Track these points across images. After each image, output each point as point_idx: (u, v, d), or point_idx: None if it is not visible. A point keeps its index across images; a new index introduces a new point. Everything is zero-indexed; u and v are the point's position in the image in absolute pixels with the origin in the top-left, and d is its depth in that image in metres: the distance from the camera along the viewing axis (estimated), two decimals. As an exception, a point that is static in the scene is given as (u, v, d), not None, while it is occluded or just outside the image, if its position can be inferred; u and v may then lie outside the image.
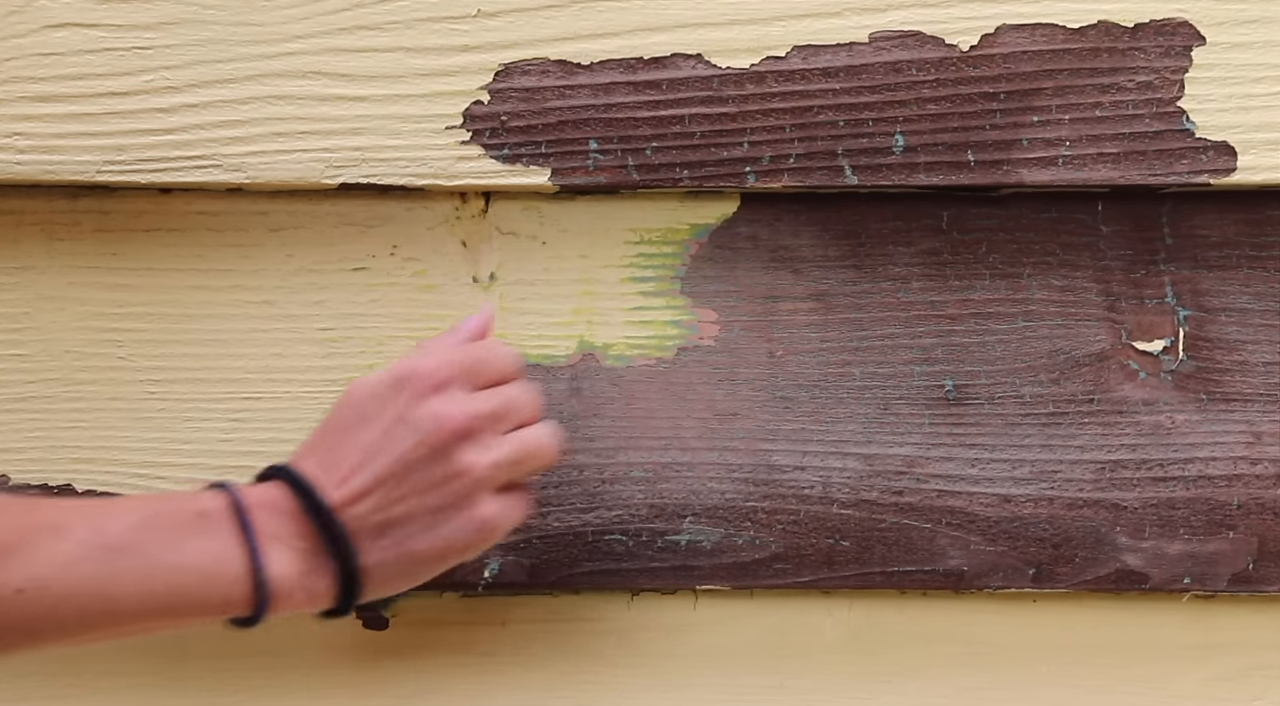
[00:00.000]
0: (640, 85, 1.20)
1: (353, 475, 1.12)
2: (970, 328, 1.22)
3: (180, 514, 1.09)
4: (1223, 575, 1.21)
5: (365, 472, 1.12)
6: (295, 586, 1.11)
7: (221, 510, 1.10)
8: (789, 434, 1.22)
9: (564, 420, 1.23)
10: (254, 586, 1.09)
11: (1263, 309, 1.21)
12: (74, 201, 1.24)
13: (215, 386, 1.24)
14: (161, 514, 1.09)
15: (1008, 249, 1.22)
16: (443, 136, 1.20)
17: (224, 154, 1.20)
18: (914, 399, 1.22)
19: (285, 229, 1.23)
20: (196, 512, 1.09)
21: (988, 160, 1.19)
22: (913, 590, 1.22)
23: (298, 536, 1.11)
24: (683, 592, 1.23)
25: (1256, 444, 1.21)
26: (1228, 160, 1.18)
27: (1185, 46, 1.18)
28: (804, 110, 1.19)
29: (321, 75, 1.20)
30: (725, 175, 1.20)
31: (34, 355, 1.24)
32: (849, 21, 1.19)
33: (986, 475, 1.21)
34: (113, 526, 1.07)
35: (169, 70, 1.20)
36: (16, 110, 1.20)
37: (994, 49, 1.19)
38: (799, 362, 1.22)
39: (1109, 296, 1.21)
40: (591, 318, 1.23)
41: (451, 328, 1.17)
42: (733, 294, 1.23)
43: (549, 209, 1.23)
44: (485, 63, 1.20)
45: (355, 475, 1.12)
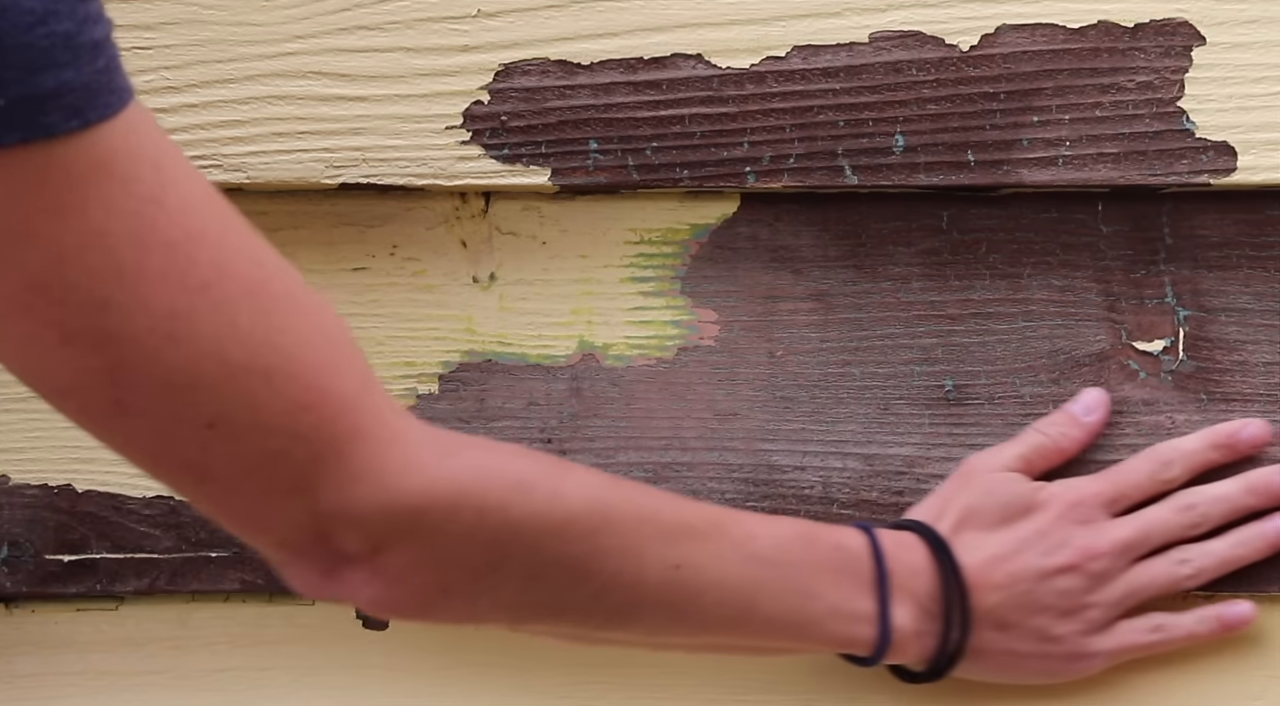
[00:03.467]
0: (640, 85, 1.20)
1: (993, 565, 1.15)
2: (970, 328, 1.22)
3: (822, 543, 1.12)
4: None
5: (1006, 568, 1.15)
6: (910, 641, 1.14)
7: (862, 549, 1.13)
8: (789, 434, 1.22)
9: (564, 420, 1.23)
10: (879, 632, 1.12)
11: (1263, 309, 1.21)
12: (74, 201, 1.24)
13: (215, 386, 1.24)
14: (804, 536, 1.12)
15: (1008, 249, 1.22)
16: (443, 136, 1.20)
17: (224, 154, 1.21)
18: (914, 399, 1.22)
19: (285, 229, 1.23)
20: (836, 545, 1.12)
21: (988, 160, 1.19)
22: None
23: (928, 598, 1.14)
24: (683, 592, 1.23)
25: (1257, 444, 1.21)
26: (1228, 160, 1.18)
27: (1185, 46, 1.18)
28: (804, 110, 1.19)
29: (321, 75, 1.20)
30: (725, 175, 1.20)
31: (34, 355, 1.24)
32: (849, 21, 1.19)
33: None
34: (763, 537, 1.10)
35: (169, 70, 1.20)
36: (16, 110, 1.20)
37: (994, 49, 1.19)
38: (799, 362, 1.23)
39: (1109, 296, 1.21)
40: (591, 318, 1.23)
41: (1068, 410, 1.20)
42: (733, 294, 1.23)
43: (549, 209, 1.23)
44: (485, 63, 1.20)
45: (995, 565, 1.15)
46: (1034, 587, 1.15)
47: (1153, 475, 1.18)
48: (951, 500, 1.18)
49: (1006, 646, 1.16)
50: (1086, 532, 1.16)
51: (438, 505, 0.99)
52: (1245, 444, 1.19)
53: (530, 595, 1.04)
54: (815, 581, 1.11)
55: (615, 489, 1.07)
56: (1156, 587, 1.18)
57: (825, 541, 1.12)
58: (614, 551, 1.05)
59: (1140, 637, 1.18)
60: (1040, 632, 1.16)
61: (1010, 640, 1.16)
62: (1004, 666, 1.17)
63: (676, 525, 1.08)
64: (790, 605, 1.10)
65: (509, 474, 1.02)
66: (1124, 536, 1.17)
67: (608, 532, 1.05)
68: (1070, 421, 1.19)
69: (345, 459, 0.96)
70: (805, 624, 1.11)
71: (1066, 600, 1.16)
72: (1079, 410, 1.20)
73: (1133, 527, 1.17)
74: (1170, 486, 1.18)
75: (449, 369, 1.24)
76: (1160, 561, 1.18)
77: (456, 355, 1.24)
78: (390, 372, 1.23)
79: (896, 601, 1.13)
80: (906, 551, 1.14)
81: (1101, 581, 1.16)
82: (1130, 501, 1.18)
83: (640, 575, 1.06)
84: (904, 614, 1.13)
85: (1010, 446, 1.19)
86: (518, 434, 1.23)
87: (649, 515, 1.07)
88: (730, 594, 1.09)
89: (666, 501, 1.10)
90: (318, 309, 0.98)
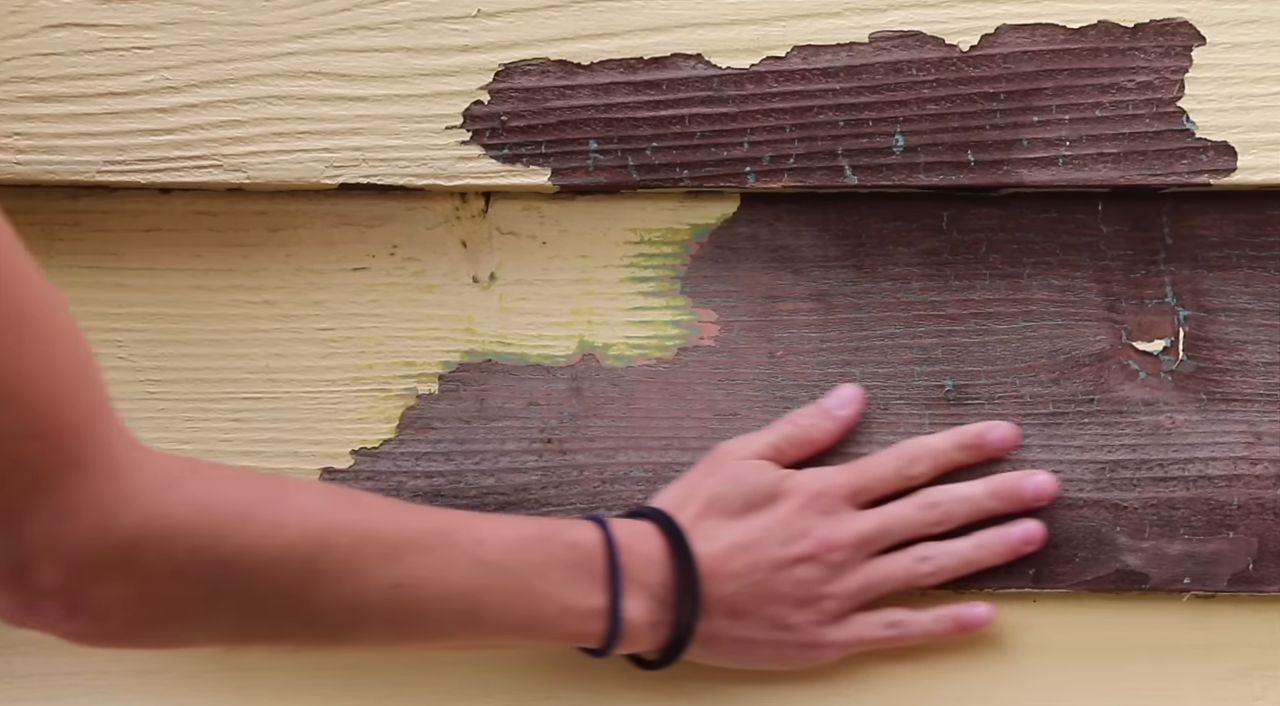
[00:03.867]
0: (640, 85, 1.20)
1: (731, 553, 1.15)
2: (970, 328, 1.22)
3: (554, 542, 1.13)
4: (1223, 575, 1.21)
5: (745, 557, 1.15)
6: (644, 631, 1.15)
7: (595, 544, 1.13)
8: (789, 434, 1.22)
9: (564, 420, 1.23)
10: (609, 627, 1.13)
11: (1263, 309, 1.21)
12: (74, 201, 1.24)
13: (215, 386, 1.24)
14: (536, 537, 1.12)
15: (1008, 249, 1.22)
16: (443, 136, 1.20)
17: (224, 154, 1.21)
18: (914, 399, 1.22)
19: (285, 229, 1.23)
20: (569, 543, 1.13)
21: (988, 160, 1.19)
22: (913, 590, 1.22)
23: (662, 588, 1.15)
24: (683, 592, 1.23)
25: (1256, 444, 1.21)
26: (1228, 160, 1.18)
27: (1185, 46, 1.18)
28: (804, 110, 1.19)
29: (321, 75, 1.20)
30: (725, 175, 1.20)
31: (34, 355, 1.24)
32: (849, 21, 1.19)
33: (986, 475, 1.21)
34: (490, 540, 1.11)
35: (169, 70, 1.20)
36: (16, 110, 1.20)
37: (994, 49, 1.19)
38: (799, 363, 1.22)
39: (1109, 296, 1.21)
40: (591, 318, 1.23)
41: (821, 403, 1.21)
42: (733, 294, 1.23)
43: (549, 209, 1.23)
44: (485, 63, 1.20)
45: (733, 554, 1.15)
46: (771, 576, 1.16)
47: (899, 471, 1.19)
48: (698, 486, 1.18)
49: (740, 633, 1.17)
50: (828, 523, 1.17)
51: (150, 541, 0.99)
52: (992, 446, 1.20)
53: (245, 624, 1.05)
54: (545, 582, 1.12)
55: (339, 510, 1.07)
56: (895, 582, 1.19)
57: (559, 539, 1.13)
58: (332, 576, 1.05)
59: (876, 632, 1.19)
60: (775, 621, 1.17)
61: (744, 627, 1.16)
62: (737, 653, 1.18)
63: (399, 541, 1.08)
64: (519, 608, 1.11)
65: (226, 507, 1.02)
66: (864, 529, 1.18)
67: (326, 559, 1.05)
68: (823, 414, 1.20)
69: (61, 491, 0.96)
70: (535, 624, 1.12)
71: (803, 590, 1.17)
72: (833, 403, 1.20)
73: (874, 521, 1.18)
74: (916, 483, 1.19)
75: (449, 369, 1.24)
76: (901, 557, 1.19)
77: (456, 355, 1.24)
78: (390, 373, 1.23)
79: (629, 594, 1.13)
80: (642, 542, 1.15)
81: (839, 572, 1.17)
82: (875, 494, 1.19)
83: (360, 597, 1.06)
84: (636, 606, 1.14)
85: (762, 435, 1.20)
86: (518, 434, 1.23)
87: (370, 534, 1.07)
88: (455, 604, 1.10)
89: (393, 515, 1.10)
90: (67, 334, 0.97)
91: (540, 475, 1.22)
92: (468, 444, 1.23)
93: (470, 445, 1.23)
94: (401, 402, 1.23)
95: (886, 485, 1.19)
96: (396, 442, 1.23)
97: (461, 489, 1.22)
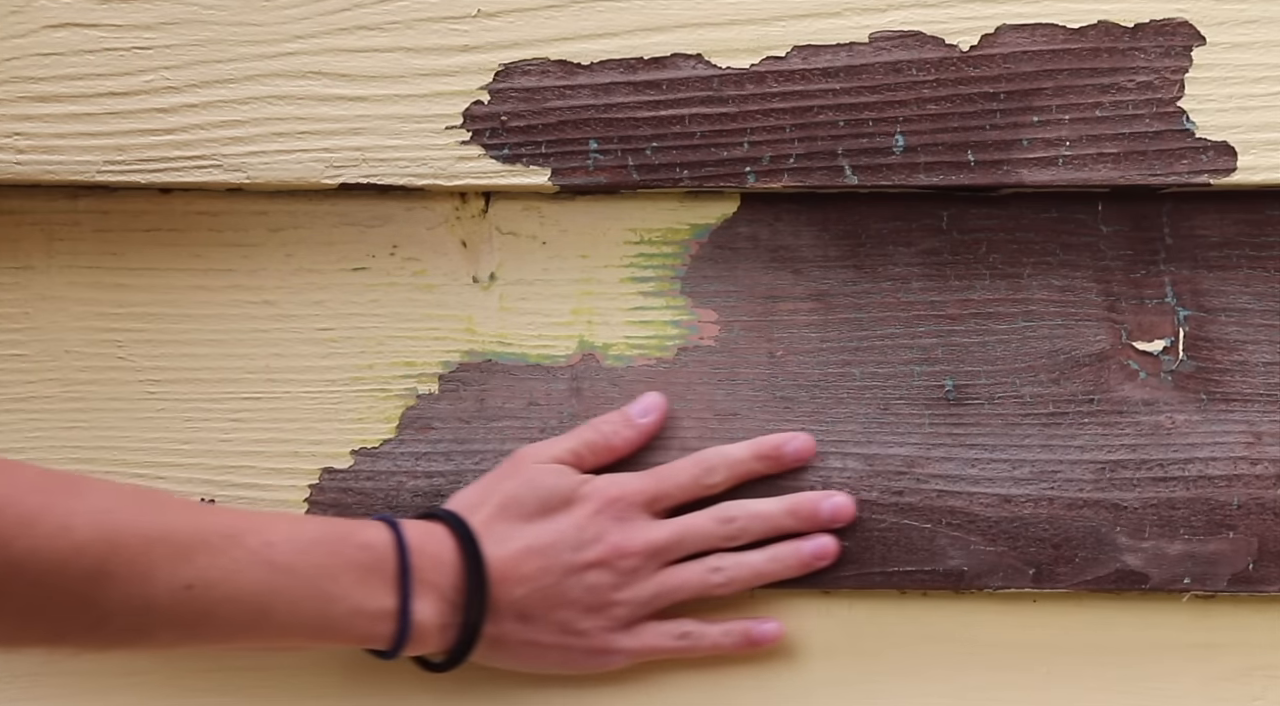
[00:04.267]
0: (640, 85, 1.20)
1: (523, 557, 1.16)
2: (970, 328, 1.22)
3: (345, 543, 1.13)
4: (1223, 575, 1.21)
5: (536, 561, 1.16)
6: (433, 633, 1.15)
7: (387, 545, 1.13)
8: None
9: (564, 420, 1.23)
10: (398, 628, 1.13)
11: (1263, 309, 1.21)
12: (74, 201, 1.24)
13: (215, 386, 1.24)
14: (328, 539, 1.12)
15: (1008, 249, 1.22)
16: (443, 136, 1.20)
17: (224, 154, 1.20)
18: (914, 399, 1.22)
19: (285, 229, 1.23)
20: (361, 545, 1.13)
21: (988, 160, 1.19)
22: (913, 590, 1.22)
23: (452, 590, 1.15)
24: (683, 592, 1.23)
25: (1256, 444, 1.21)
26: (1228, 160, 1.18)
27: (1185, 46, 1.18)
28: (804, 110, 1.19)
29: (321, 75, 1.20)
30: (725, 175, 1.20)
31: (34, 355, 1.24)
32: (849, 21, 1.19)
33: (986, 475, 1.21)
34: (281, 543, 1.11)
35: (169, 70, 1.20)
36: (16, 110, 1.20)
37: (994, 49, 1.19)
38: (799, 363, 1.22)
39: (1109, 296, 1.21)
40: (591, 318, 1.23)
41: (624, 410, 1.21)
42: (733, 294, 1.23)
43: (549, 209, 1.23)
44: (485, 63, 1.20)
45: (525, 557, 1.16)
46: (562, 581, 1.16)
47: (696, 479, 1.19)
48: (494, 488, 1.18)
49: (529, 637, 1.17)
50: (622, 530, 1.17)
51: None
52: (790, 457, 1.20)
53: (29, 627, 1.05)
54: (335, 584, 1.11)
55: (131, 511, 1.07)
56: (687, 591, 1.19)
57: (350, 541, 1.13)
58: (122, 578, 1.05)
59: (666, 641, 1.20)
60: (564, 626, 1.17)
61: (533, 631, 1.17)
62: (525, 656, 1.18)
63: (191, 542, 1.08)
64: (309, 610, 1.11)
65: (13, 509, 1.02)
66: (658, 538, 1.18)
67: (115, 560, 1.05)
68: (625, 421, 1.21)
69: None
70: (325, 626, 1.12)
71: (593, 595, 1.17)
72: (635, 411, 1.21)
73: (669, 531, 1.18)
74: (713, 492, 1.20)
75: (449, 369, 1.24)
76: (694, 566, 1.19)
77: (456, 355, 1.24)
78: (390, 372, 1.23)
79: (419, 596, 1.13)
80: (433, 544, 1.15)
81: (631, 579, 1.17)
82: (672, 502, 1.19)
83: (149, 598, 1.06)
84: (426, 608, 1.14)
85: (563, 440, 1.20)
86: (518, 434, 1.23)
87: (161, 535, 1.07)
88: (245, 606, 1.09)
89: (186, 516, 1.09)
90: None
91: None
92: (468, 444, 1.23)
93: (470, 445, 1.23)
94: (401, 402, 1.23)
95: (684, 493, 1.19)
96: (396, 442, 1.23)
97: (461, 489, 1.22)
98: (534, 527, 1.17)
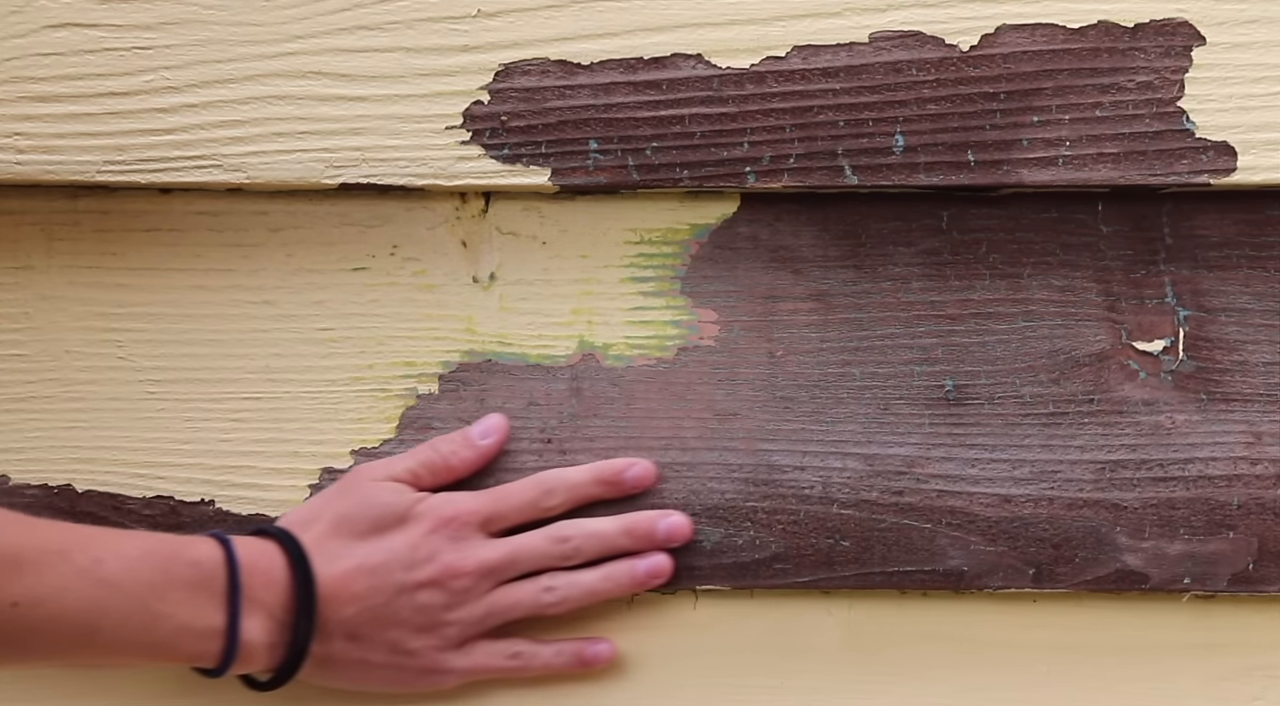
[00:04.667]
0: (640, 85, 1.20)
1: (353, 575, 1.15)
2: (970, 328, 1.22)
3: (175, 560, 1.12)
4: (1223, 575, 1.21)
5: (367, 579, 1.15)
6: (261, 652, 1.14)
7: (217, 563, 1.13)
8: (789, 434, 1.22)
9: (564, 420, 1.23)
10: (226, 647, 1.12)
11: (1263, 309, 1.21)
12: (74, 201, 1.24)
13: (215, 386, 1.24)
14: (158, 555, 1.11)
15: (1008, 249, 1.22)
16: (443, 136, 1.20)
17: (224, 154, 1.21)
18: (914, 399, 1.22)
19: (285, 229, 1.23)
20: (191, 562, 1.12)
21: (988, 160, 1.19)
22: (913, 590, 1.22)
23: (281, 608, 1.14)
24: (683, 592, 1.23)
25: (1256, 444, 1.21)
26: (1228, 160, 1.18)
27: (1185, 46, 1.18)
28: (804, 110, 1.19)
29: (321, 75, 1.20)
30: (725, 175, 1.20)
31: (34, 355, 1.24)
32: (849, 21, 1.19)
33: (986, 475, 1.21)
34: (110, 560, 1.10)
35: (169, 70, 1.20)
36: (16, 110, 1.20)
37: (994, 49, 1.19)
38: (799, 362, 1.22)
39: (1109, 296, 1.21)
40: (591, 318, 1.23)
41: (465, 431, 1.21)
42: (733, 294, 1.23)
43: (549, 209, 1.23)
44: (485, 63, 1.20)
45: (355, 576, 1.15)
46: (392, 600, 1.16)
47: (534, 502, 1.20)
48: (328, 506, 1.18)
49: (359, 656, 1.16)
50: (455, 549, 1.17)
51: None
52: (629, 483, 1.21)
53: None
54: (163, 602, 1.11)
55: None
56: (520, 611, 1.19)
57: (181, 558, 1.12)
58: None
59: (497, 661, 1.20)
60: (393, 645, 1.17)
61: (362, 650, 1.16)
62: (355, 675, 1.18)
63: (18, 558, 1.07)
64: (136, 628, 1.10)
65: None
66: (491, 558, 1.18)
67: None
68: (465, 442, 1.21)
69: None
70: (153, 645, 1.11)
71: (424, 615, 1.17)
72: (476, 433, 1.21)
73: (503, 551, 1.18)
74: (551, 514, 1.20)
75: (449, 369, 1.24)
76: (527, 586, 1.19)
77: (456, 355, 1.24)
78: (390, 372, 1.23)
79: (248, 614, 1.13)
80: (264, 561, 1.14)
81: (463, 599, 1.17)
82: (508, 523, 1.20)
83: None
84: (255, 626, 1.13)
85: (402, 459, 1.20)
86: (518, 434, 1.23)
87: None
88: (72, 623, 1.08)
89: (12, 531, 1.08)
90: None
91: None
92: (468, 444, 1.23)
93: (470, 445, 1.23)
94: (401, 402, 1.23)
95: (520, 514, 1.20)
96: (396, 442, 1.23)
97: (461, 488, 1.22)
98: (366, 546, 1.16)
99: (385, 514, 1.17)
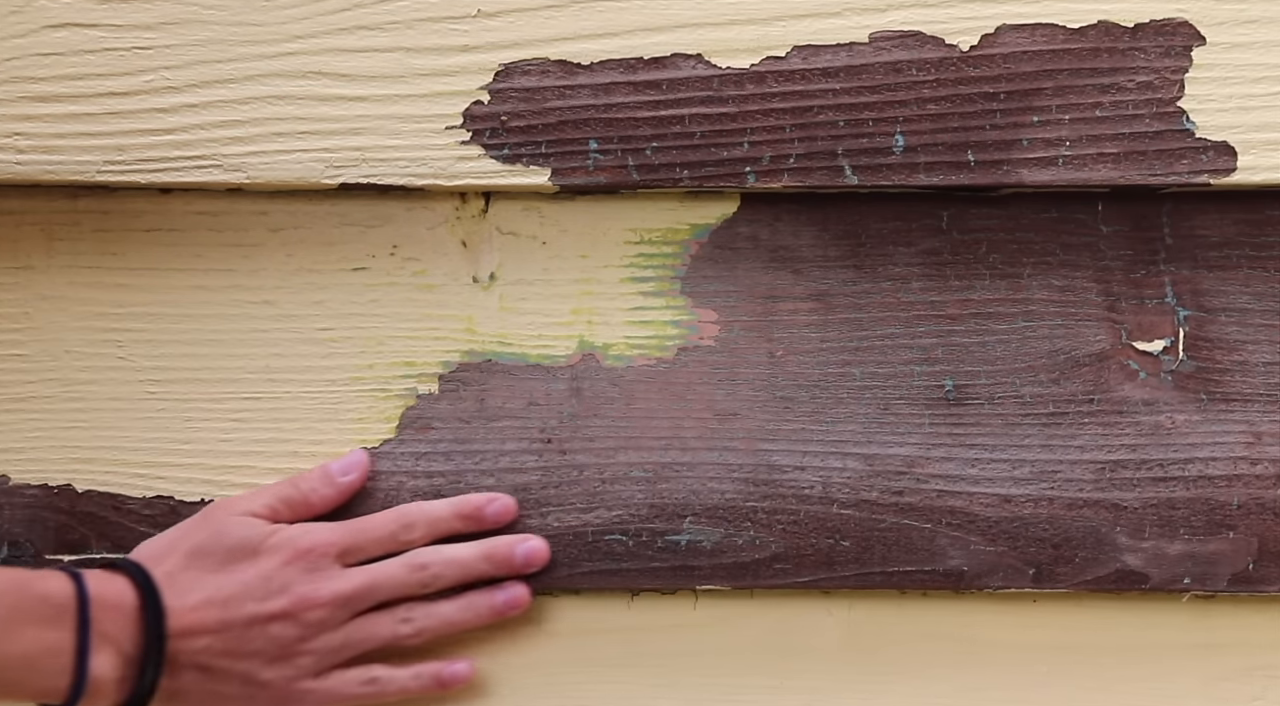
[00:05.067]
0: (640, 85, 1.20)
1: (204, 609, 1.15)
2: (970, 328, 1.22)
3: (24, 594, 1.11)
4: (1223, 575, 1.21)
5: (219, 612, 1.15)
6: (110, 687, 1.13)
7: (67, 598, 1.11)
8: (789, 434, 1.22)
9: (564, 420, 1.23)
10: (74, 683, 1.11)
11: (1263, 309, 1.21)
12: (74, 201, 1.24)
13: (215, 386, 1.24)
14: (7, 590, 1.10)
15: (1008, 249, 1.22)
16: (443, 136, 1.20)
17: (224, 154, 1.21)
18: (914, 399, 1.22)
19: (285, 229, 1.23)
20: (40, 596, 1.11)
21: (988, 160, 1.19)
22: (913, 590, 1.22)
23: (131, 643, 1.13)
24: (683, 592, 1.23)
25: (1256, 444, 1.21)
26: (1228, 160, 1.18)
27: (1185, 46, 1.18)
28: (804, 110, 1.19)
29: (321, 75, 1.20)
30: (725, 175, 1.20)
31: (34, 355, 1.24)
32: (849, 21, 1.19)
33: (986, 475, 1.21)
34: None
35: (169, 70, 1.20)
36: (16, 110, 1.20)
37: (994, 49, 1.19)
38: (799, 362, 1.22)
39: (1109, 296, 1.21)
40: (591, 318, 1.23)
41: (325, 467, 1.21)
42: (733, 294, 1.23)
43: (549, 209, 1.23)
44: (485, 63, 1.20)
45: (207, 610, 1.15)
46: (245, 633, 1.15)
47: (394, 534, 1.19)
48: (183, 538, 1.18)
49: (210, 688, 1.16)
50: (310, 581, 1.17)
51: None
52: (490, 518, 1.21)
53: None
54: (9, 638, 1.09)
55: None
56: (375, 641, 1.19)
57: (30, 593, 1.11)
58: None
59: (353, 688, 1.19)
60: (246, 677, 1.16)
61: (214, 682, 1.16)
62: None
63: None
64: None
65: None
66: (346, 589, 1.18)
67: None
68: (324, 479, 1.21)
69: None
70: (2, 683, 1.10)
71: (277, 647, 1.16)
72: (336, 469, 1.21)
73: (359, 581, 1.18)
74: (410, 547, 1.20)
75: (449, 369, 1.24)
76: (383, 617, 1.19)
77: (456, 355, 1.24)
78: (390, 372, 1.23)
79: (97, 650, 1.12)
80: (114, 596, 1.14)
81: (318, 630, 1.17)
82: (366, 554, 1.19)
83: None
84: (104, 662, 1.12)
85: (260, 494, 1.20)
86: (518, 434, 1.23)
87: None
88: None
89: None
90: None
91: (540, 475, 1.22)
92: (468, 444, 1.23)
93: (470, 445, 1.23)
94: (401, 402, 1.23)
95: (379, 547, 1.19)
96: (396, 442, 1.23)
97: (461, 489, 1.22)
98: (218, 578, 1.16)
99: (239, 546, 1.17)
